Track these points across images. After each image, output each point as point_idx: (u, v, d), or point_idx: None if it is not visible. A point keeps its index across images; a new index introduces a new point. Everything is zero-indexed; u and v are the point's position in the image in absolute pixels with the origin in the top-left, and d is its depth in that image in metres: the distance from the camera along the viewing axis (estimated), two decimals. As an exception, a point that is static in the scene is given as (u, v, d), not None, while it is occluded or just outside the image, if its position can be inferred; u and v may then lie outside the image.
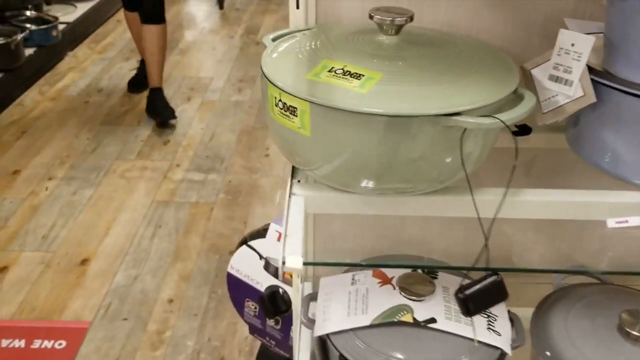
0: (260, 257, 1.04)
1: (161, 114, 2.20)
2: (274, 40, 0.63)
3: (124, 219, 1.75)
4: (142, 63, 2.41)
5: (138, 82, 2.45)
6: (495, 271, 0.48)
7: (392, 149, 0.50)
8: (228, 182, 1.95)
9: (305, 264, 0.44)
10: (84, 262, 1.58)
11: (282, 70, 0.54)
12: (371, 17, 0.56)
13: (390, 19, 0.55)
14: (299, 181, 0.58)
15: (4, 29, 2.45)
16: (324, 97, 0.49)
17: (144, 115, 2.29)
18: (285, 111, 0.51)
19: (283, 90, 0.51)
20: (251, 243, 1.05)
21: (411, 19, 0.56)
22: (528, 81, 0.61)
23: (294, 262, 0.45)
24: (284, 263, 0.45)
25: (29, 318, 1.38)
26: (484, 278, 0.48)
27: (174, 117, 2.21)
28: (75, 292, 1.47)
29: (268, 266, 1.03)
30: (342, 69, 0.51)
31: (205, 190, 1.91)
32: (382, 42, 0.57)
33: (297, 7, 0.69)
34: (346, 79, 0.50)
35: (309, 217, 0.83)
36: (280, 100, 0.52)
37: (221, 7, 3.62)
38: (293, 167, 0.60)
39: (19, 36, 2.37)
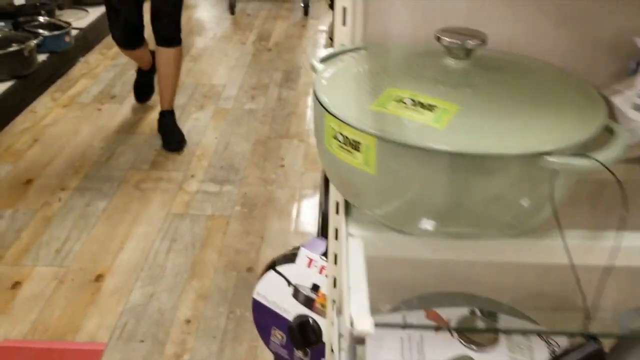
0: (289, 283, 0.98)
1: (168, 140, 2.10)
2: (322, 61, 0.57)
3: (139, 232, 1.70)
4: (139, 71, 2.35)
5: (143, 91, 2.41)
6: (595, 337, 0.42)
7: (468, 190, 0.44)
8: (244, 194, 1.90)
9: (377, 325, 0.39)
10: (99, 278, 1.53)
11: (341, 99, 0.49)
12: (438, 38, 0.50)
13: (460, 42, 0.49)
14: (340, 211, 0.52)
15: (17, 35, 2.41)
16: (396, 133, 0.43)
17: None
18: (346, 145, 0.46)
19: (345, 123, 0.45)
20: (279, 268, 1.00)
21: (484, 41, 0.50)
22: (605, 109, 0.55)
23: (365, 324, 0.39)
24: (351, 324, 0.39)
25: (43, 338, 1.33)
26: (583, 346, 0.42)
27: (183, 143, 2.11)
28: (89, 310, 1.42)
29: (297, 294, 0.97)
30: (412, 99, 0.46)
31: (220, 203, 1.85)
32: (448, 67, 0.51)
33: (344, 24, 0.63)
34: (417, 110, 0.45)
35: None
36: (340, 133, 0.46)
37: (232, 12, 3.59)
38: (346, 203, 0.54)
39: (33, 42, 2.33)
